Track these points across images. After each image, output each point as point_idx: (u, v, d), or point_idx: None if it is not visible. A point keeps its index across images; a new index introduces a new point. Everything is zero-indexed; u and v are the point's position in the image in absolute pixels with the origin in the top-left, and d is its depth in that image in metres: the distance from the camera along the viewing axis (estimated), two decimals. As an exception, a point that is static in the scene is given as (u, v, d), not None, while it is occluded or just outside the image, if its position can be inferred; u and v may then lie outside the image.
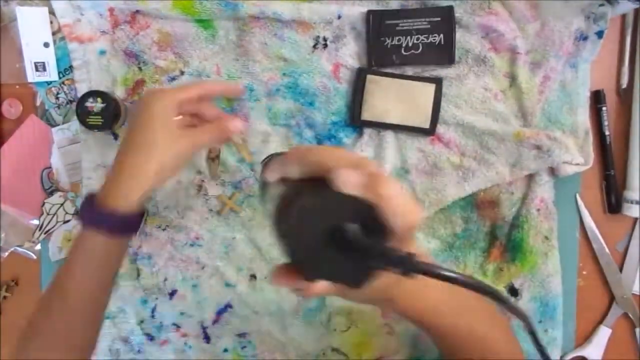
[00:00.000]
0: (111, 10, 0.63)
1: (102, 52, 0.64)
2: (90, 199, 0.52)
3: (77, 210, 0.66)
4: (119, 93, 0.64)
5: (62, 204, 0.66)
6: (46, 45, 0.64)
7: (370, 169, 0.29)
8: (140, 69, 0.64)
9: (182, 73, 0.64)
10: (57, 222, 0.66)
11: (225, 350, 0.67)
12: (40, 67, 0.64)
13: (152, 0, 0.62)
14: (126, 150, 0.52)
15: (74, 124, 0.65)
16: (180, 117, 0.55)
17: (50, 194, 0.66)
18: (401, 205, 0.28)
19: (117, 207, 0.50)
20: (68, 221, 0.66)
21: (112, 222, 0.51)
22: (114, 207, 0.50)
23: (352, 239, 0.26)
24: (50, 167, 0.66)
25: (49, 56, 0.64)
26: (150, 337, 0.67)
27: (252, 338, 0.67)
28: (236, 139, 0.57)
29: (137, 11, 0.63)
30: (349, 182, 0.27)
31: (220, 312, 0.67)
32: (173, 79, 0.64)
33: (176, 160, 0.52)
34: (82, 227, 0.52)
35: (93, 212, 0.51)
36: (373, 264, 0.26)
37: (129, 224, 0.52)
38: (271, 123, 0.64)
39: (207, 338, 0.67)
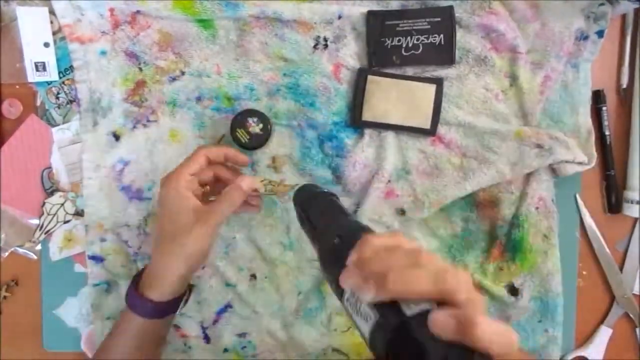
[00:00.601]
0: (111, 10, 0.63)
1: (103, 53, 0.64)
2: (135, 280, 0.56)
3: (77, 210, 0.66)
4: (120, 94, 0.64)
5: (62, 204, 0.66)
6: (46, 45, 0.64)
7: (454, 287, 0.31)
8: (140, 69, 0.64)
9: (182, 73, 0.64)
10: (57, 222, 0.66)
11: (226, 350, 0.67)
12: (40, 67, 0.64)
13: (152, 0, 0.62)
14: (156, 244, 0.55)
15: (74, 124, 0.65)
16: (206, 188, 0.58)
17: (51, 194, 0.66)
18: (498, 340, 0.29)
19: (151, 296, 0.53)
20: (68, 221, 0.66)
21: (146, 309, 0.54)
22: (148, 295, 0.53)
23: None
24: (50, 167, 0.66)
25: (49, 56, 0.64)
26: (150, 338, 0.67)
27: (252, 338, 0.67)
28: (261, 189, 0.57)
29: (138, 11, 0.63)
30: (445, 330, 0.29)
31: (220, 312, 0.67)
32: (174, 79, 0.64)
33: (202, 244, 0.53)
34: (126, 305, 0.55)
35: (132, 296, 0.55)
36: None
37: (163, 310, 0.55)
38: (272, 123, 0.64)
39: (207, 338, 0.67)
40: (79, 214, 0.66)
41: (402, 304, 0.31)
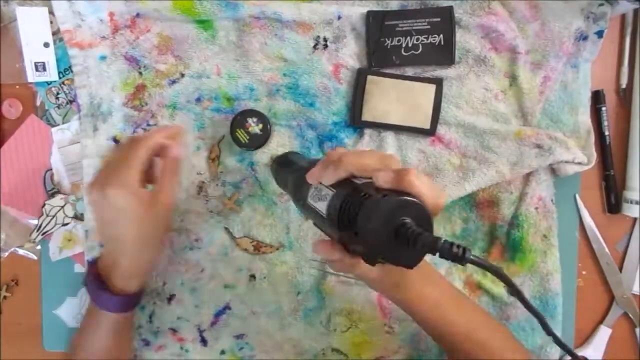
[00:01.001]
0: (111, 15, 0.63)
1: (103, 58, 0.64)
2: (92, 279, 0.55)
3: (76, 214, 0.66)
4: (120, 99, 0.64)
5: (62, 207, 0.66)
6: (46, 45, 0.64)
7: (396, 165, 0.39)
8: (140, 73, 0.64)
9: (182, 75, 0.64)
10: (55, 224, 0.66)
11: (223, 352, 0.67)
12: (40, 67, 0.64)
13: (152, 0, 0.62)
14: (114, 243, 0.53)
15: (74, 124, 0.65)
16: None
17: (52, 195, 0.66)
18: (428, 188, 0.36)
19: (126, 289, 0.54)
20: (67, 224, 0.66)
21: (121, 304, 0.55)
22: (123, 289, 0.54)
23: (412, 232, 0.33)
24: (51, 168, 0.66)
25: (49, 56, 0.64)
26: (146, 342, 0.67)
27: (250, 339, 0.67)
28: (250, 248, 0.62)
29: (137, 15, 0.63)
30: (386, 180, 0.36)
31: (218, 314, 0.66)
32: (174, 82, 0.64)
33: (164, 226, 0.54)
34: (90, 302, 0.56)
35: (102, 295, 0.54)
36: (430, 252, 0.33)
37: (134, 301, 0.56)
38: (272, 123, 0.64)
39: (204, 341, 0.67)
40: (77, 217, 0.66)
41: (355, 179, 0.39)
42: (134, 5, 0.62)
